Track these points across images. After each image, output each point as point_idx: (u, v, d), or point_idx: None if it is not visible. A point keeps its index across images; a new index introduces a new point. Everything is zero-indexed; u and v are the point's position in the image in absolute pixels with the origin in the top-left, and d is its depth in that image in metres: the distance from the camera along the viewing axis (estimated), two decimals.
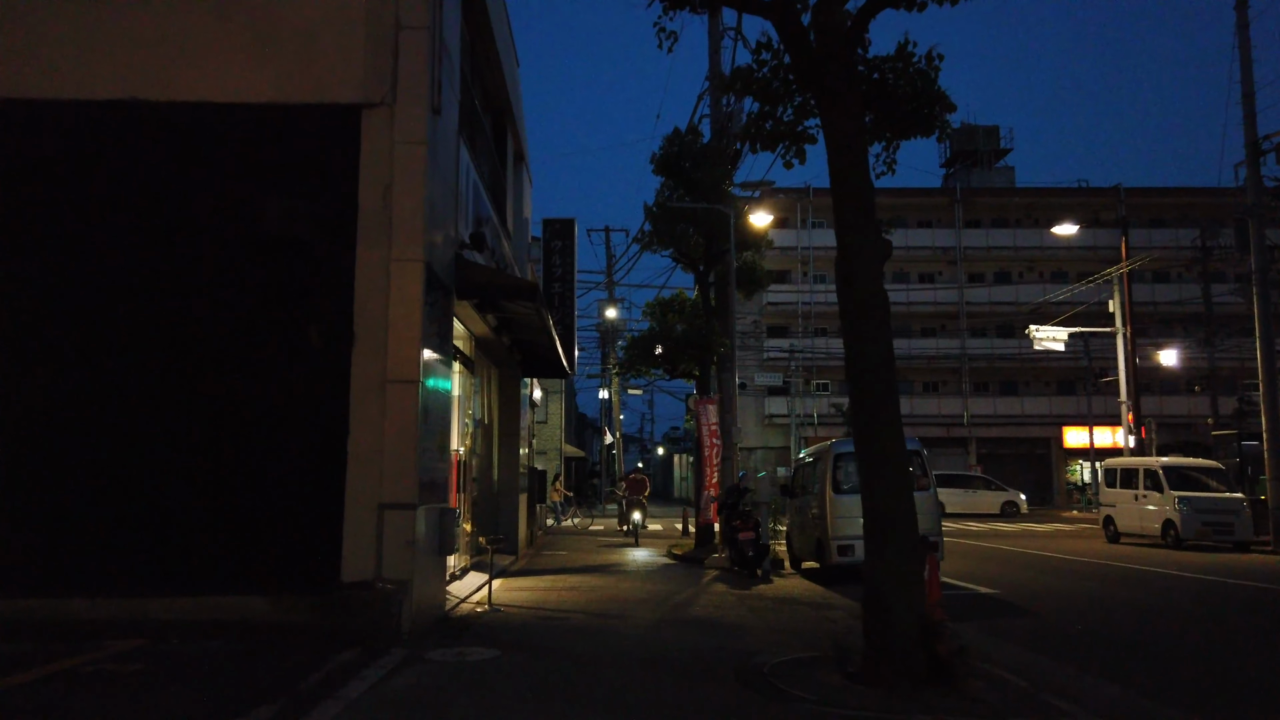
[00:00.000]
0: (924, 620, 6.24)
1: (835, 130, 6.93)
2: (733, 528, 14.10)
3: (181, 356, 8.29)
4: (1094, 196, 49.90)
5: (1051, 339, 30.40)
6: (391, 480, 7.96)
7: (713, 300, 18.67)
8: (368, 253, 8.21)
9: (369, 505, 7.92)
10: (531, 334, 13.57)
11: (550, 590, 11.80)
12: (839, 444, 14.19)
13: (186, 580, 7.94)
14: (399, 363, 8.10)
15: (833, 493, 13.60)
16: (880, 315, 6.71)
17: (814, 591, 11.98)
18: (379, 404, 8.03)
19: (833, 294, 42.50)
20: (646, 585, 12.50)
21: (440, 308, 9.02)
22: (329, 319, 8.22)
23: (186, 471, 8.14)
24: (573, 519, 31.56)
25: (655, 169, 18.61)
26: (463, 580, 12.23)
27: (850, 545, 13.36)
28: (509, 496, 16.95)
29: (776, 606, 10.43)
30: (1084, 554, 18.63)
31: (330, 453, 8.01)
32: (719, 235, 18.17)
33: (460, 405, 13.14)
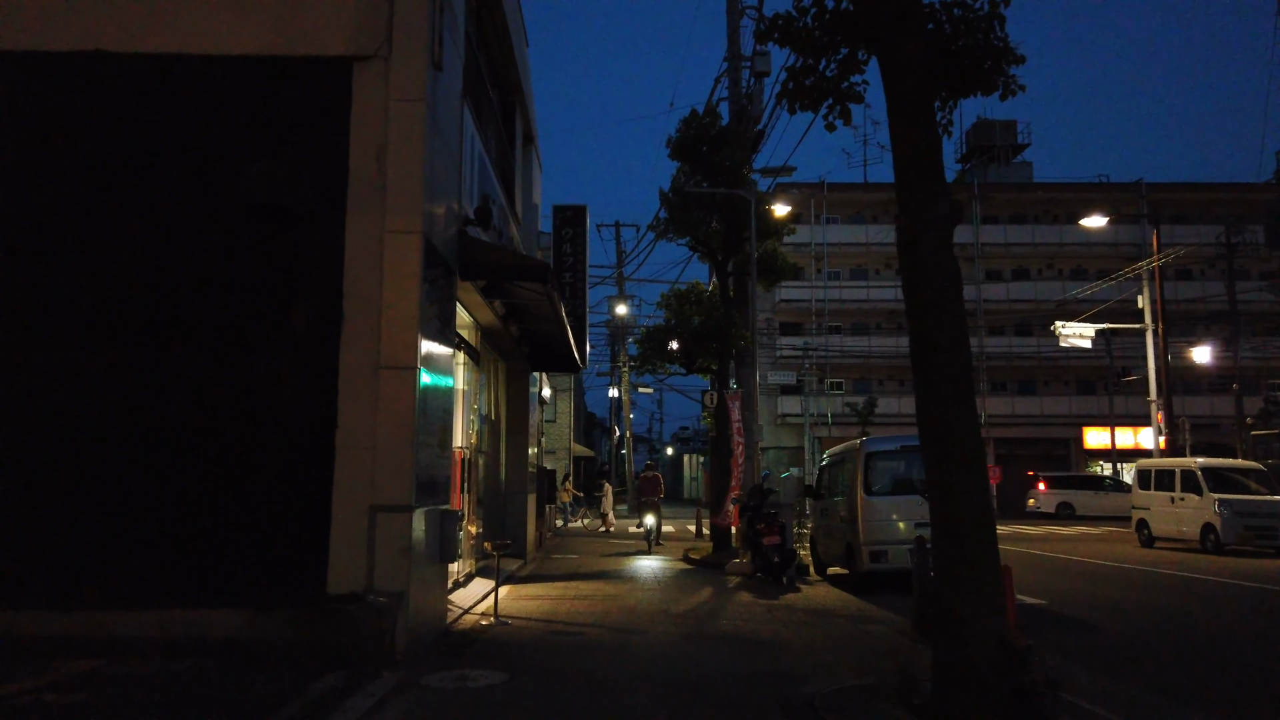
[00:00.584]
0: (1007, 644, 5.29)
1: (895, 77, 5.99)
2: (756, 531, 13.16)
3: (145, 338, 7.39)
4: (1115, 192, 48.77)
5: (1078, 336, 29.34)
6: (385, 479, 7.05)
7: (731, 291, 17.71)
8: (360, 223, 7.29)
9: (359, 507, 7.01)
10: (541, 323, 12.66)
11: (561, 599, 10.88)
12: (871, 442, 13.23)
13: (150, 592, 7.02)
14: (394, 347, 7.18)
15: (864, 494, 12.65)
16: (950, 286, 5.77)
17: (847, 602, 11.03)
18: (371, 393, 7.12)
19: (847, 291, 41.64)
20: (665, 594, 11.57)
21: (441, 288, 8.11)
22: (315, 297, 7.31)
23: (151, 468, 7.23)
24: (582, 520, 30.67)
25: (672, 153, 17.68)
26: (467, 588, 11.32)
27: (883, 551, 12.42)
28: (517, 497, 16.03)
29: (810, 619, 9.49)
30: (1120, 559, 17.63)
31: (315, 447, 7.10)
32: (739, 222, 17.22)
33: (465, 399, 12.24)
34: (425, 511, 7.55)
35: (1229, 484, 20.32)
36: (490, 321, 12.22)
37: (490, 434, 14.97)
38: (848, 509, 13.22)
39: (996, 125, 52.46)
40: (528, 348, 15.29)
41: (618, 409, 47.41)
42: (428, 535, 7.66)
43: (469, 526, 12.37)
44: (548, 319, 11.94)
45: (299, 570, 7.02)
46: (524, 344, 14.79)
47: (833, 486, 14.68)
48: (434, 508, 7.91)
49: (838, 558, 13.95)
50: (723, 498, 16.89)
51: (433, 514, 7.85)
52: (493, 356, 14.78)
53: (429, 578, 7.76)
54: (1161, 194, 48.28)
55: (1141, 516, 22.36)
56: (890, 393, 46.43)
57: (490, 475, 14.95)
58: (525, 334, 14.28)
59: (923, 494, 12.92)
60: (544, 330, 13.50)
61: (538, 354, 16.03)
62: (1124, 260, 45.59)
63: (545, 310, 11.31)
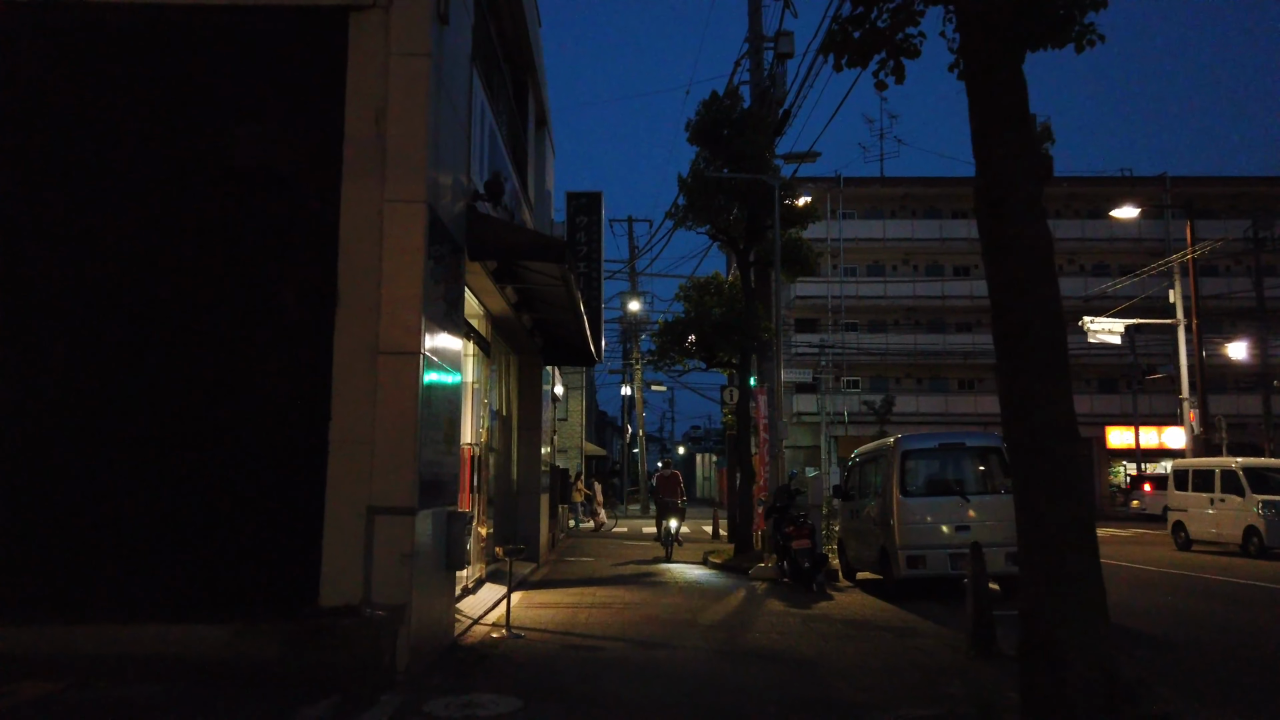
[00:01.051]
0: (1113, 675, 4.48)
1: (970, 13, 5.18)
2: (784, 535, 12.35)
3: (111, 321, 6.62)
4: (1139, 186, 47.62)
5: (1107, 331, 28.41)
6: (384, 478, 6.28)
7: (753, 282, 16.90)
8: (356, 192, 6.52)
9: (355, 509, 6.24)
10: (556, 312, 11.88)
11: (578, 607, 10.09)
12: (907, 440, 12.40)
13: (122, 604, 6.26)
14: (395, 330, 6.41)
15: (900, 496, 11.82)
16: (1040, 254, 4.95)
17: (886, 612, 10.22)
18: (369, 381, 6.35)
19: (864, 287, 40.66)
20: (689, 601, 10.78)
21: (448, 267, 7.33)
22: (306, 274, 6.54)
23: (119, 467, 6.47)
24: (595, 519, 29.88)
25: (690, 137, 16.87)
26: (476, 595, 10.54)
27: (920, 556, 11.59)
28: (529, 497, 15.26)
29: (852, 632, 8.68)
30: (1161, 563, 16.74)
31: (306, 443, 6.33)
32: (762, 209, 16.41)
33: (475, 393, 11.47)
34: (430, 514, 6.78)
35: (1272, 485, 19.41)
36: (502, 310, 11.45)
37: (501, 430, 14.21)
38: (881, 511, 12.40)
39: None
40: (541, 340, 14.52)
41: (630, 407, 46.61)
42: (433, 540, 6.89)
43: (479, 528, 11.61)
44: (563, 307, 11.16)
45: (288, 580, 6.25)
46: (537, 335, 14.02)
47: (863, 487, 13.86)
48: (440, 509, 7.14)
49: (869, 562, 13.14)
50: (746, 498, 16.08)
51: (438, 516, 7.08)
52: (504, 349, 14.01)
53: (434, 587, 6.99)
54: (1187, 188, 47.16)
55: (1178, 518, 21.47)
56: (908, 391, 45.58)
57: (501, 474, 14.20)
58: (538, 324, 13.51)
59: (963, 495, 12.22)
60: (558, 320, 12.72)
61: (551, 347, 15.26)
62: (1148, 256, 44.57)
63: (560, 297, 10.53)
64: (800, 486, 14.12)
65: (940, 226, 47.02)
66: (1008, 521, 11.86)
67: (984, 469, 12.37)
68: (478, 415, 11.72)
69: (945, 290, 46.23)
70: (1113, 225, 46.58)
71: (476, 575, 11.39)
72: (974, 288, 46.33)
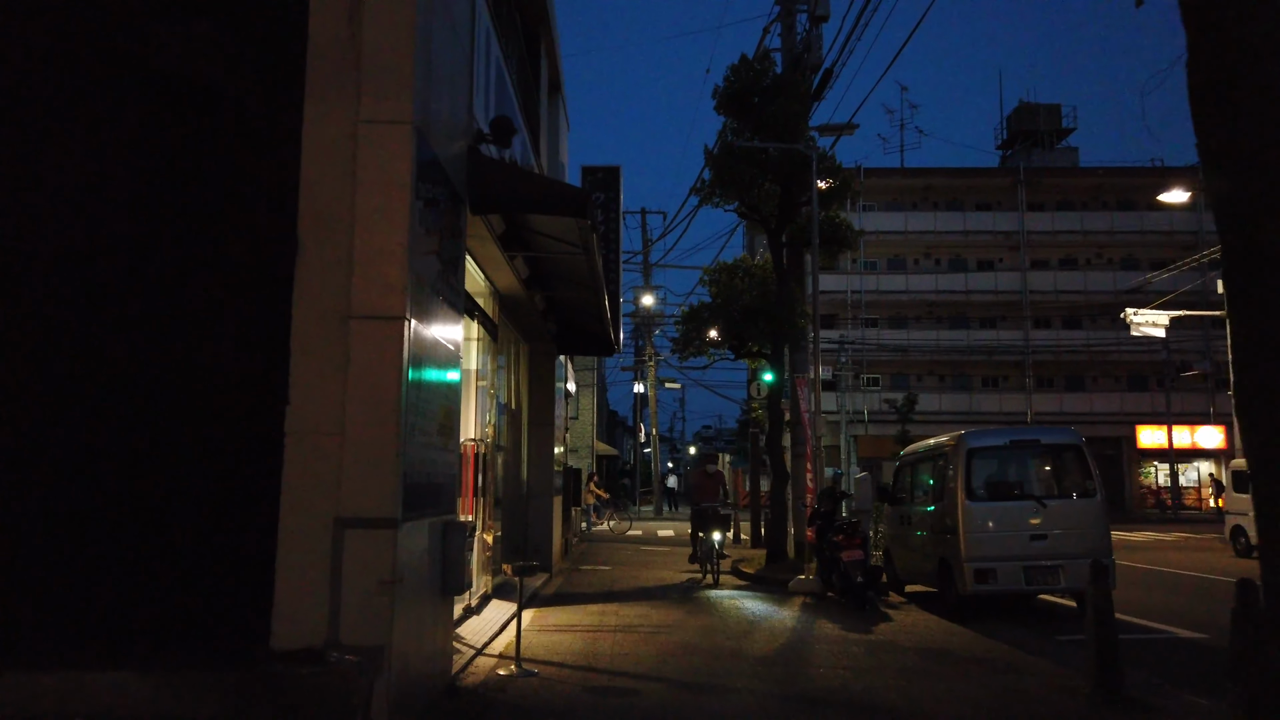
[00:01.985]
0: None
1: None
2: (833, 544, 10.85)
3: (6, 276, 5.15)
4: (1169, 177, 45.74)
5: (1151, 324, 26.78)
6: (357, 480, 4.81)
7: (785, 263, 15.38)
8: (323, 111, 5.04)
9: (319, 521, 4.77)
10: (573, 289, 10.41)
11: (600, 631, 8.62)
12: (972, 436, 10.87)
13: (23, 646, 4.80)
14: (372, 289, 4.94)
15: (966, 500, 10.30)
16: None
17: (960, 637, 8.72)
18: (337, 354, 4.88)
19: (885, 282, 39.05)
20: (728, 623, 9.29)
21: (444, 217, 5.87)
22: (255, 217, 5.08)
23: (15, 468, 5.01)
24: (608, 523, 28.46)
25: (718, 105, 15.40)
26: (481, 615, 9.09)
27: (990, 569, 10.07)
28: (541, 500, 13.80)
29: (932, 667, 7.18)
30: (1228, 571, 15.15)
31: (254, 435, 4.88)
32: (796, 183, 14.91)
33: (480, 382, 10.01)
34: (419, 526, 5.31)
35: None
36: (511, 286, 9.97)
37: (510, 427, 12.75)
38: (940, 518, 10.89)
39: (1040, 109, 49.91)
40: (554, 325, 13.05)
41: (642, 405, 45.12)
42: (423, 559, 5.43)
43: (484, 535, 10.15)
44: (581, 282, 9.68)
45: (230, 616, 4.80)
46: (550, 319, 12.55)
47: (914, 490, 12.36)
48: (433, 519, 5.68)
49: (922, 574, 11.63)
50: (778, 501, 14.58)
51: (431, 529, 5.61)
52: (514, 336, 12.54)
53: (425, 618, 5.52)
54: None
55: (1238, 523, 19.94)
56: (930, 388, 43.99)
57: (511, 475, 12.74)
58: (552, 306, 12.05)
59: (1038, 500, 10.69)
60: (575, 301, 11.25)
61: (566, 334, 13.80)
62: (1179, 249, 42.92)
63: (579, 268, 9.06)
64: (848, 489, 12.60)
65: (964, 219, 45.46)
66: (1088, 529, 10.52)
67: (1061, 469, 10.85)
68: (483, 408, 10.27)
69: (969, 284, 44.66)
70: (1143, 217, 44.97)
71: (481, 591, 9.94)
72: (998, 281, 44.77)
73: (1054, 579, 10.12)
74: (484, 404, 10.31)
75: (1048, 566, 10.12)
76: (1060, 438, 11.05)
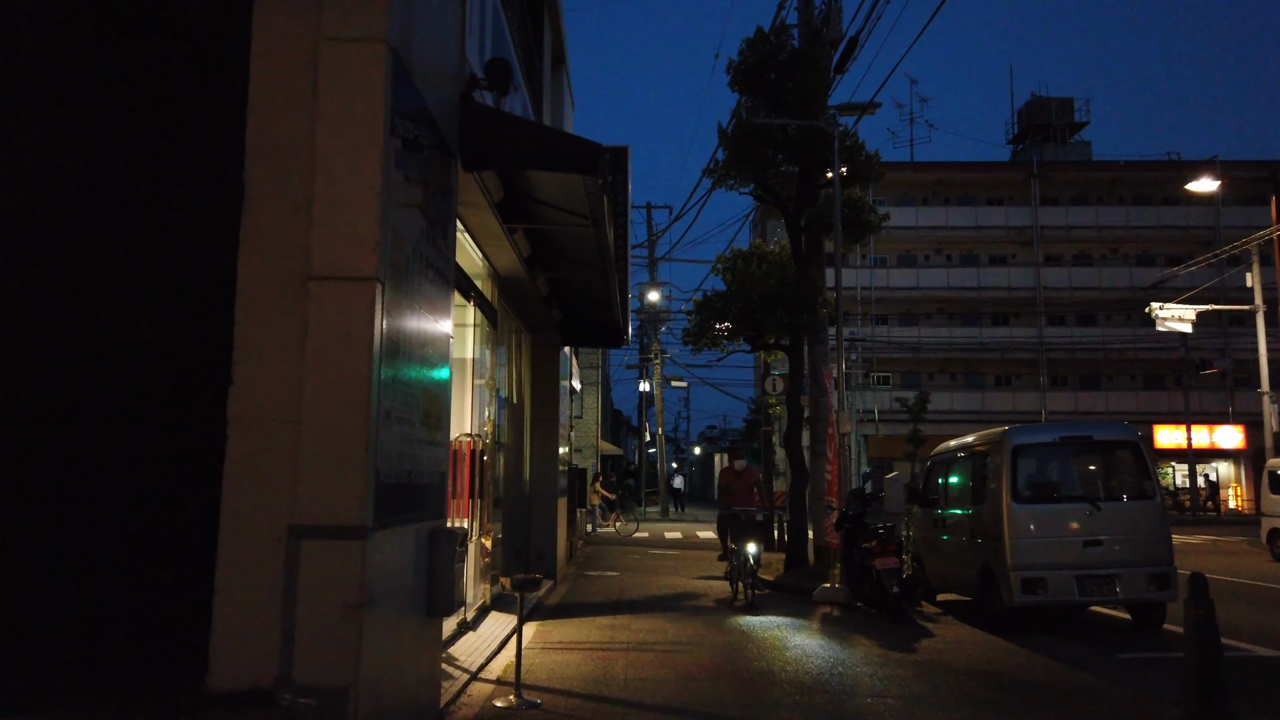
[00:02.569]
0: None
1: None
2: (864, 551, 9.90)
3: None
4: (1186, 171, 44.82)
5: (1177, 319, 25.79)
6: (317, 478, 3.88)
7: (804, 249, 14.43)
8: (275, 24, 4.11)
9: (268, 530, 3.84)
10: (579, 270, 9.48)
11: (611, 649, 7.69)
12: (1018, 432, 9.92)
13: None
14: (336, 243, 4.01)
15: (1012, 502, 9.35)
16: None
17: (1015, 656, 7.78)
18: (293, 323, 3.95)
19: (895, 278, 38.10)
20: (754, 640, 8.34)
21: (429, 168, 4.94)
22: (193, 156, 4.14)
23: None
24: (614, 524, 27.56)
25: (732, 81, 14.46)
26: (478, 630, 8.16)
27: (1039, 579, 9.12)
28: (544, 501, 12.87)
29: (993, 694, 6.23)
30: (1269, 577, 14.21)
31: (189, 424, 3.95)
32: (816, 163, 13.98)
33: (478, 372, 9.09)
34: (398, 534, 4.38)
35: None
36: (511, 267, 9.04)
37: (512, 423, 11.82)
38: (979, 522, 9.96)
39: (1052, 103, 48.94)
40: (559, 313, 12.12)
41: (647, 404, 44.19)
42: (402, 574, 4.50)
43: (483, 540, 9.23)
44: (588, 260, 8.75)
45: (158, 647, 3.86)
46: (554, 305, 11.62)
47: (949, 491, 11.41)
48: (417, 525, 4.75)
49: (959, 583, 10.69)
50: (798, 503, 13.64)
51: (413, 538, 4.68)
52: (515, 324, 11.61)
53: (404, 645, 4.58)
54: (1238, 172, 44.44)
55: (1275, 525, 18.98)
56: (942, 387, 43.01)
57: (512, 474, 11.81)
58: (556, 291, 11.12)
59: (1092, 502, 9.72)
60: (581, 284, 10.32)
61: (571, 324, 12.87)
62: (1196, 245, 41.96)
63: (585, 244, 8.13)
64: (878, 490, 11.66)
65: (976, 213, 44.52)
66: (1148, 535, 9.53)
67: (1116, 468, 9.91)
68: (482, 401, 9.36)
69: (981, 280, 43.67)
70: (1159, 212, 43.98)
71: (479, 602, 9.02)
72: (1011, 278, 43.79)
73: (1109, 589, 9.16)
74: (482, 397, 9.40)
75: (1102, 576, 9.17)
76: (1115, 433, 10.09)
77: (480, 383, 9.29)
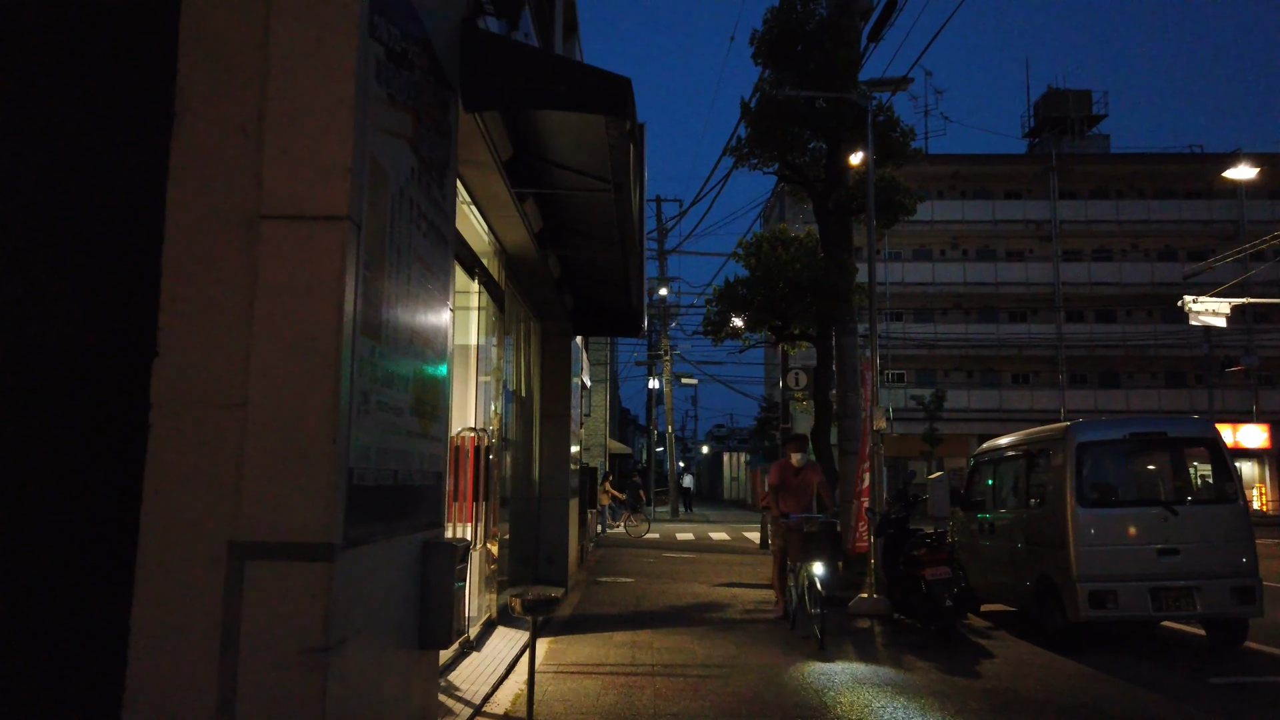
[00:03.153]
0: None
1: None
2: (911, 559, 8.94)
3: None
4: (1209, 163, 43.75)
5: (1211, 313, 24.73)
6: (268, 478, 2.93)
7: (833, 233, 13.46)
8: None
9: (204, 548, 2.89)
10: (595, 246, 8.52)
11: (634, 672, 6.73)
12: (1083, 428, 8.94)
13: None
14: (296, 168, 3.07)
15: (1078, 506, 8.38)
16: None
17: (1098, 684, 6.82)
18: (238, 274, 3.01)
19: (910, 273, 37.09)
20: (795, 660, 7.37)
21: (423, 95, 3.99)
22: (106, 55, 3.18)
23: None
24: (624, 524, 26.60)
25: (756, 53, 13.53)
26: (482, 651, 7.21)
27: (1109, 591, 8.15)
28: (555, 503, 11.92)
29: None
30: None
31: (100, 406, 3.00)
32: (845, 141, 13.02)
33: (483, 360, 8.16)
34: (379, 550, 3.43)
35: None
36: (521, 243, 8.09)
37: (520, 418, 10.87)
38: (1034, 527, 9.00)
39: (1069, 95, 47.91)
40: (570, 298, 11.17)
41: (657, 401, 43.23)
42: (385, 600, 3.55)
43: (489, 545, 8.29)
44: (606, 236, 7.78)
45: (55, 703, 2.91)
46: (566, 291, 10.66)
47: (996, 492, 10.44)
48: (405, 538, 3.80)
49: (1011, 593, 9.72)
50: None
51: (401, 554, 3.74)
52: (524, 311, 10.65)
53: (388, 691, 3.63)
54: (1263, 165, 43.19)
55: None
56: (958, 385, 42.00)
57: (520, 474, 10.87)
58: (568, 274, 10.17)
59: (1168, 506, 8.71)
60: (596, 266, 9.38)
61: (583, 311, 11.92)
62: (1219, 239, 40.97)
63: (603, 216, 7.17)
64: (921, 493, 10.70)
65: (993, 207, 43.49)
66: (1230, 542, 8.47)
67: (1193, 469, 8.94)
68: (488, 393, 8.43)
69: (998, 275, 42.63)
70: (1181, 206, 42.91)
71: (485, 616, 8.07)
72: (1029, 273, 42.74)
73: (1188, 604, 8.18)
74: (488, 388, 8.46)
75: (1180, 588, 8.19)
76: (1191, 429, 9.10)
77: (486, 374, 8.37)
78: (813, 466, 9.55)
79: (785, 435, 13.16)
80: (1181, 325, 40.05)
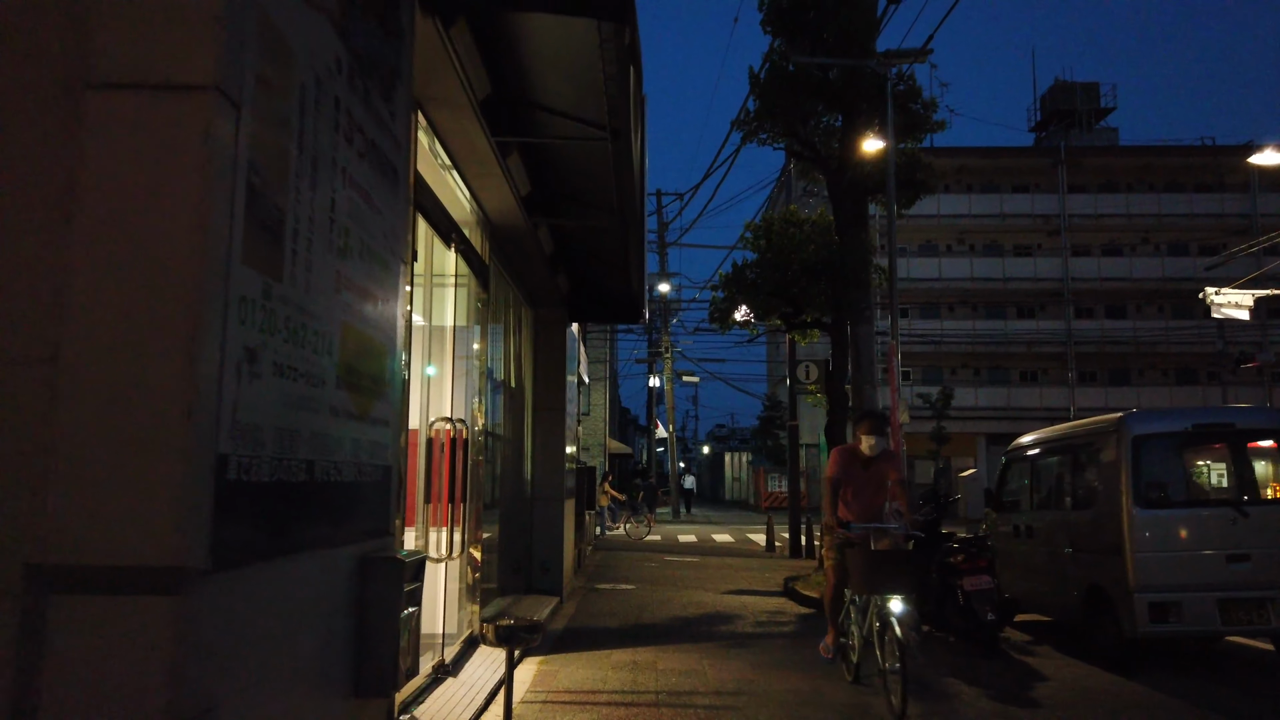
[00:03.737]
0: None
1: None
2: (946, 566, 7.98)
3: None
4: (1219, 156, 42.81)
5: (1234, 305, 23.79)
6: (88, 471, 1.96)
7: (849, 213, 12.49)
8: None
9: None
10: (591, 213, 7.56)
11: (636, 703, 5.76)
12: (1138, 419, 7.97)
13: None
14: (140, 20, 2.10)
15: (1135, 507, 7.40)
16: None
17: (1172, 711, 5.85)
18: (51, 166, 2.04)
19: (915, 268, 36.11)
20: (820, 688, 6.39)
21: None
22: None
23: None
24: (624, 526, 25.68)
25: (765, 20, 12.58)
26: (459, 677, 6.23)
27: (1172, 603, 7.19)
28: (549, 505, 10.95)
29: None
30: None
31: None
32: (862, 114, 12.06)
33: (463, 343, 7.20)
34: (283, 569, 2.46)
35: None
36: (506, 210, 7.12)
37: (510, 411, 9.90)
38: (1082, 530, 8.04)
39: (1077, 88, 46.90)
40: (565, 280, 10.20)
41: (657, 400, 42.26)
42: (294, 641, 2.58)
43: (472, 550, 7.32)
44: (601, 198, 6.82)
45: None
46: (559, 270, 9.70)
47: (1034, 492, 9.48)
48: (330, 550, 2.83)
49: (1048, 602, 8.78)
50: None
51: (327, 571, 2.77)
52: (513, 295, 9.68)
53: None
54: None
55: None
56: (965, 382, 41.02)
57: (511, 472, 9.90)
58: (562, 249, 9.21)
59: (1237, 507, 7.56)
60: (593, 239, 8.41)
61: (579, 295, 10.95)
62: (1231, 234, 39.99)
63: (598, 169, 6.21)
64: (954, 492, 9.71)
65: (1000, 201, 42.52)
66: None
67: (1264, 465, 7.98)
68: (470, 380, 7.46)
69: (1006, 271, 41.67)
70: (1192, 199, 41.96)
71: (464, 634, 7.10)
72: (1037, 268, 41.78)
73: (1260, 617, 7.21)
74: (470, 375, 7.50)
75: (1252, 599, 7.23)
76: (1261, 420, 8.15)
77: (467, 359, 7.40)
78: (889, 458, 6.65)
79: (859, 412, 9.65)
80: (1193, 321, 39.25)
